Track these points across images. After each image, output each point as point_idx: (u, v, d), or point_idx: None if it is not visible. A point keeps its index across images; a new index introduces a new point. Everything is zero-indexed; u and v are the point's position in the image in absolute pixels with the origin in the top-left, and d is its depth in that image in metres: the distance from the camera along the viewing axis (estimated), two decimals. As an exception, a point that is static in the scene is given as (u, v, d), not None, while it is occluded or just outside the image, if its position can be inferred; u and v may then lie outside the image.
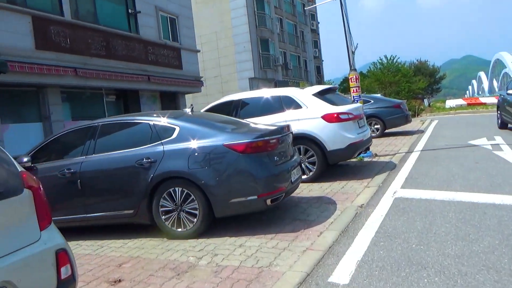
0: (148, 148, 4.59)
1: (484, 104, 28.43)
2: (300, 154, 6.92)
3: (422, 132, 13.48)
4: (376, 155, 8.97)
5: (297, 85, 30.80)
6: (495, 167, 6.77)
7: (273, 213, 5.09)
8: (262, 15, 30.90)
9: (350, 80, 9.08)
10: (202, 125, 4.67)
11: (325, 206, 5.27)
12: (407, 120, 13.24)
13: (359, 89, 8.99)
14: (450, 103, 30.78)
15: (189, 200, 4.38)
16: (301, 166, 5.33)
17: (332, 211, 5.02)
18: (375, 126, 12.89)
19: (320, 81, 44.43)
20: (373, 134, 11.82)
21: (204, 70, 28.31)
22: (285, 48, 35.91)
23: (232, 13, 29.27)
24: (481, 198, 5.04)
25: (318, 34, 47.71)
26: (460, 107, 28.41)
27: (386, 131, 13.25)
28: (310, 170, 6.89)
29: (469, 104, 29.08)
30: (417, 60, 54.93)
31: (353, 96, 8.95)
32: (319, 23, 48.55)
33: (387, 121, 12.84)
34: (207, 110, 7.73)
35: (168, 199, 4.45)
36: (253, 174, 4.28)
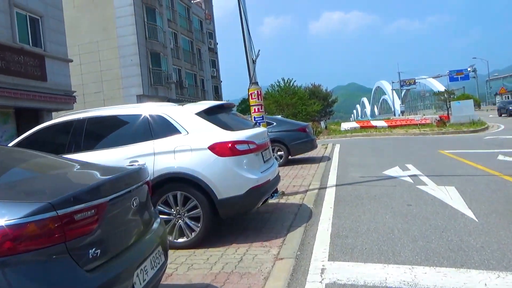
0: None
1: (375, 127, 29.42)
2: (176, 206, 4.48)
3: (328, 159, 12.06)
4: (283, 193, 6.94)
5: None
6: (435, 213, 5.25)
7: None
8: (153, 27, 27.90)
9: (250, 97, 6.88)
10: None
11: (210, 316, 2.90)
12: (313, 146, 11.68)
13: (261, 108, 6.86)
14: (345, 125, 31.38)
15: None
16: (166, 250, 2.85)
17: (223, 331, 2.67)
18: (278, 153, 11.07)
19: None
20: (277, 163, 9.90)
21: (83, 85, 24.32)
22: (180, 65, 33.27)
23: (118, 22, 25.64)
24: (453, 280, 3.22)
25: (216, 53, 46.27)
26: (354, 129, 28.92)
27: (290, 157, 11.55)
28: (192, 230, 4.47)
29: (362, 127, 29.82)
30: (312, 84, 56.68)
31: (254, 117, 6.82)
32: (217, 43, 47.25)
33: (292, 147, 11.09)
34: (25, 139, 4.83)
35: None
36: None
